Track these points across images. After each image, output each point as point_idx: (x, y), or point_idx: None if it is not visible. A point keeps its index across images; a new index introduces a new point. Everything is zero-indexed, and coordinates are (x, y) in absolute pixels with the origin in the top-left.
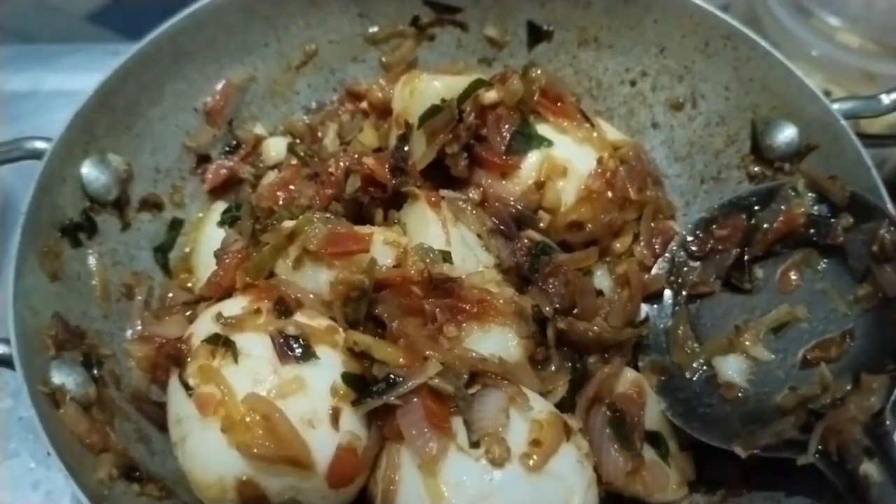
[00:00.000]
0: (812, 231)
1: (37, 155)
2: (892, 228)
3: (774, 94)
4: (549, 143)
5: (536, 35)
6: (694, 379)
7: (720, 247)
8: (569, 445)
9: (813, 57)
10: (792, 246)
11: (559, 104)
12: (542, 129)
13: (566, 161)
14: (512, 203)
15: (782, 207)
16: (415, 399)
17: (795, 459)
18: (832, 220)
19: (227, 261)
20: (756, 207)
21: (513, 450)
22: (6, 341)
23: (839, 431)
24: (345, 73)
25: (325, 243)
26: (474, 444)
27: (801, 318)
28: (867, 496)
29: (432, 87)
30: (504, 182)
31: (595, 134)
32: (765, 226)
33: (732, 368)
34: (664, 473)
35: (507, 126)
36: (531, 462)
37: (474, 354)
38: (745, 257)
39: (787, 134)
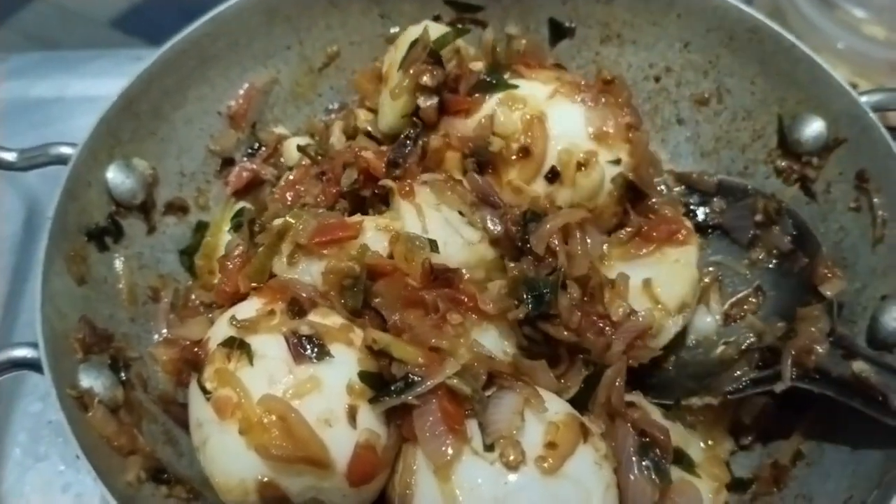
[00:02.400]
0: (691, 217)
1: (63, 160)
2: (766, 199)
3: (801, 87)
4: (515, 87)
5: (558, 32)
6: None
7: None
8: (586, 447)
9: (839, 49)
10: None
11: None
12: (514, 81)
13: (527, 95)
14: (469, 141)
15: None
16: (432, 400)
17: (818, 452)
18: (704, 205)
19: (230, 267)
20: None
21: (528, 453)
22: (34, 345)
23: (808, 352)
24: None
25: (314, 234)
26: (489, 448)
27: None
28: (870, 386)
29: (411, 32)
30: (466, 121)
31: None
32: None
33: None
34: (694, 489)
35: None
36: (546, 465)
37: (492, 355)
38: None
39: (814, 128)
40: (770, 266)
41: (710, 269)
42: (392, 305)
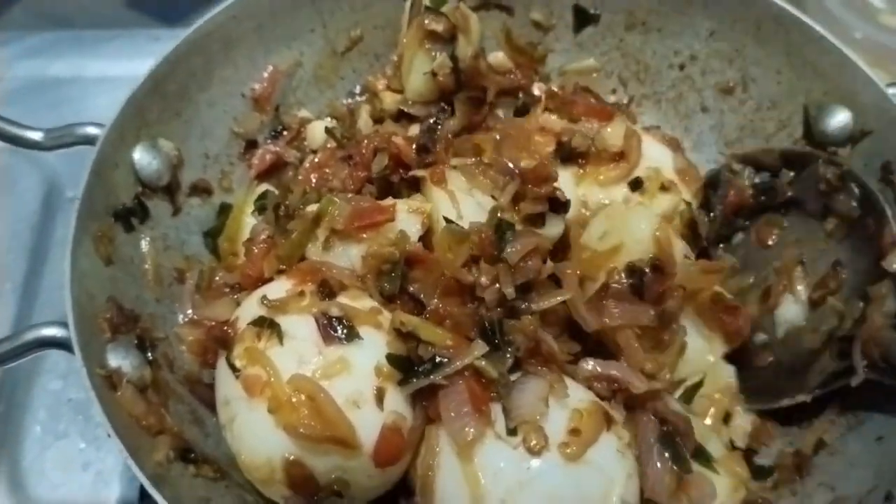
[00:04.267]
0: (763, 198)
1: (89, 140)
2: (826, 165)
3: (828, 78)
4: None
5: (583, 18)
6: None
7: None
8: (609, 435)
9: (856, 39)
10: (750, 217)
11: None
12: None
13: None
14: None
15: (728, 190)
16: (459, 381)
17: (841, 441)
18: (775, 180)
19: (256, 251)
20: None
21: (551, 438)
22: (62, 324)
23: (877, 342)
24: (388, 58)
25: (351, 219)
26: (511, 432)
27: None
28: None
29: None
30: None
31: None
32: (718, 207)
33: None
34: (709, 483)
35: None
36: (569, 451)
37: (532, 326)
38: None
39: (840, 119)
40: (843, 238)
41: (791, 250)
42: (430, 292)
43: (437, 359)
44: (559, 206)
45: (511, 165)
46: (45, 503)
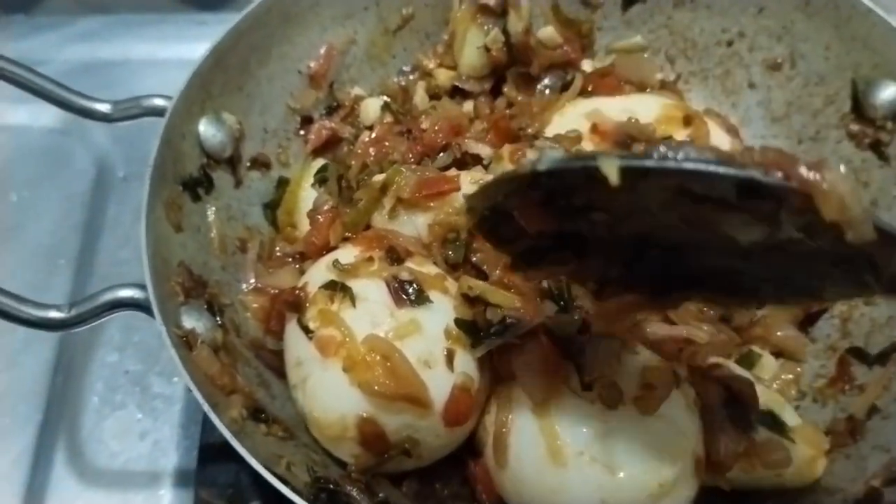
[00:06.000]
0: None
1: (156, 112)
2: None
3: (876, 52)
4: None
5: None
6: None
7: None
8: (678, 392)
9: None
10: None
11: None
12: None
13: None
14: None
15: None
16: (531, 340)
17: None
18: None
19: (321, 220)
20: None
21: (626, 393)
22: (140, 286)
23: None
24: (439, 37)
25: (417, 188)
26: (586, 388)
27: None
28: None
29: None
30: None
31: None
32: None
33: None
34: (783, 448)
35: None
36: (644, 405)
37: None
38: None
39: (889, 92)
40: None
41: None
42: (494, 262)
43: (508, 320)
44: None
45: None
46: (103, 471)
